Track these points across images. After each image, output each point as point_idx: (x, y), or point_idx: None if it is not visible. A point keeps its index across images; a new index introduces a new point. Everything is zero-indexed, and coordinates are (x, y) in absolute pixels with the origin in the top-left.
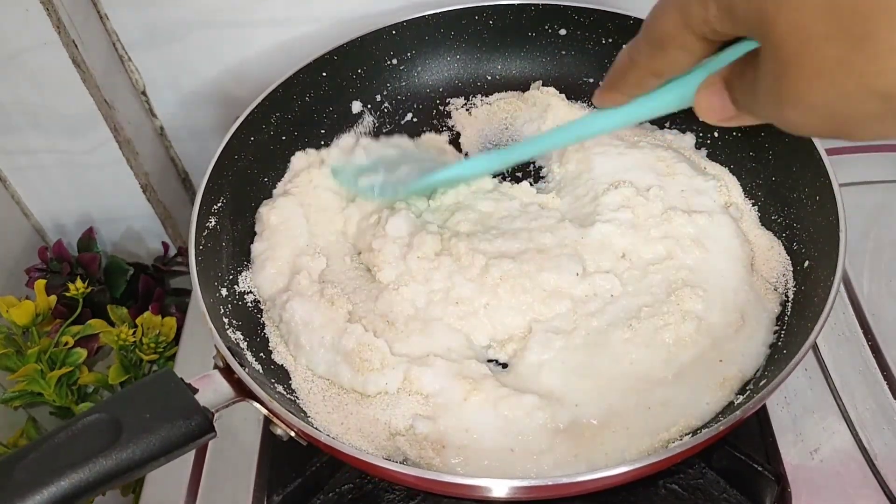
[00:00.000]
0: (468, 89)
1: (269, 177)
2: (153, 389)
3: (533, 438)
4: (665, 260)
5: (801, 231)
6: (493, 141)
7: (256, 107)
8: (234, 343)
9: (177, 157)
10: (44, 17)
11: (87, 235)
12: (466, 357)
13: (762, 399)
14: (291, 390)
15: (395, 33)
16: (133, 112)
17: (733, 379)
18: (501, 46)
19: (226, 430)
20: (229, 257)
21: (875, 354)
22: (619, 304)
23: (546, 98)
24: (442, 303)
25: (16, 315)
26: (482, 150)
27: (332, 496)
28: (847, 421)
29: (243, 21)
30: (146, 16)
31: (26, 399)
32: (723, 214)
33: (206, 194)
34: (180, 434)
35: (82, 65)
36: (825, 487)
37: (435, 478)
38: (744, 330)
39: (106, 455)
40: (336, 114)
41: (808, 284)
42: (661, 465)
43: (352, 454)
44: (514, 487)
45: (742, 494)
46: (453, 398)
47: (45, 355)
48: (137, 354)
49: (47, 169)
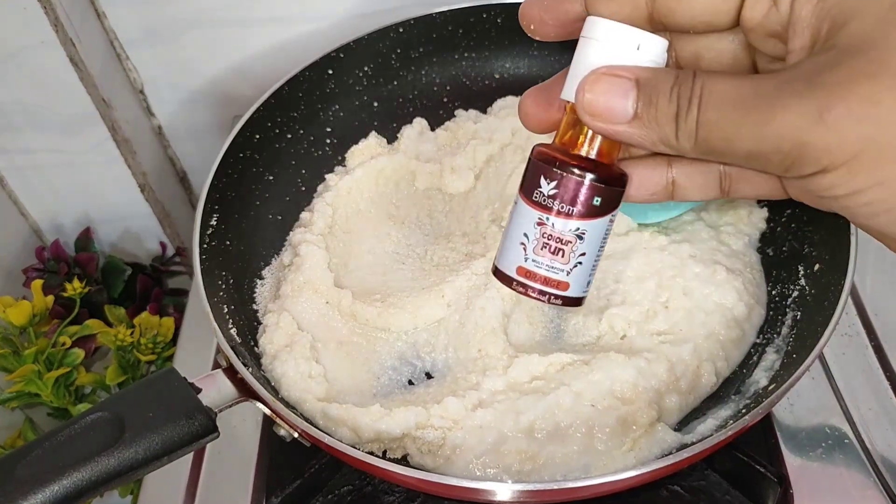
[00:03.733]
0: (475, 88)
1: (274, 174)
2: (156, 388)
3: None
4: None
5: (812, 234)
6: None
7: (262, 105)
8: (236, 342)
9: (175, 157)
10: (41, 16)
11: (85, 235)
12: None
13: (771, 404)
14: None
15: (403, 31)
16: (131, 111)
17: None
18: (509, 45)
19: (225, 431)
20: (232, 256)
21: (878, 355)
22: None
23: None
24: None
25: (13, 315)
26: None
27: (331, 498)
28: (850, 422)
29: (243, 19)
30: (144, 14)
31: (23, 400)
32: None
33: (211, 192)
34: (183, 434)
35: (80, 63)
36: (828, 489)
37: (439, 480)
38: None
39: (108, 454)
40: (342, 112)
41: (819, 288)
42: (668, 470)
43: (355, 456)
44: (519, 491)
45: (744, 496)
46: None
47: (42, 356)
48: (135, 355)
49: (45, 168)
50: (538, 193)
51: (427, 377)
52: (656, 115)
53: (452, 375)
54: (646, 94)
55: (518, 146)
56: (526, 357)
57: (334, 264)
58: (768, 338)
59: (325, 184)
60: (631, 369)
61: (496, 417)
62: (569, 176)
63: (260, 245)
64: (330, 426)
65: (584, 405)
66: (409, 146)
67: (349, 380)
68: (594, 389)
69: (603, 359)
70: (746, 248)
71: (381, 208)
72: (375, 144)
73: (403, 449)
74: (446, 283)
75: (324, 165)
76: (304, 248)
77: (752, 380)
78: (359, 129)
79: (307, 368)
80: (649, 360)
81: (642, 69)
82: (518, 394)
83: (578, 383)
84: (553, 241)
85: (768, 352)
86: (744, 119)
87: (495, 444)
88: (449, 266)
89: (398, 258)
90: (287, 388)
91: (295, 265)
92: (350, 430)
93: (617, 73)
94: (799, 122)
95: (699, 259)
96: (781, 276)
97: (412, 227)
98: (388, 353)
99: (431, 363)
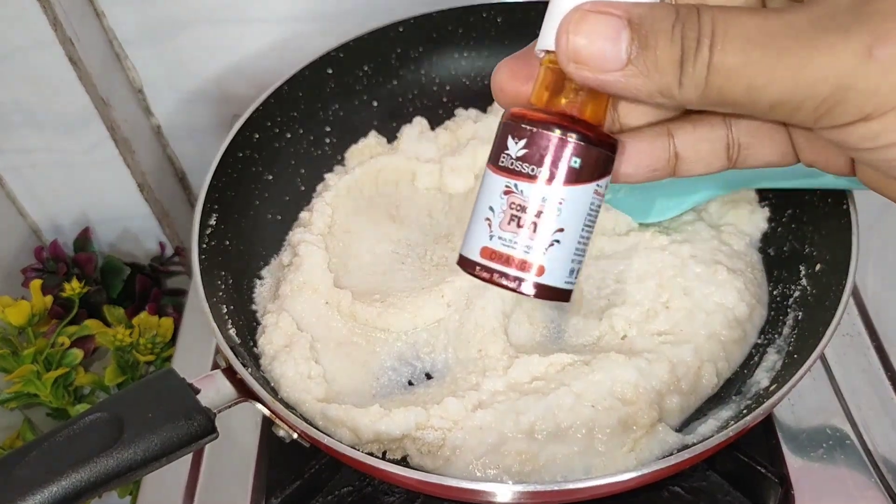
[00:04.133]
0: (475, 87)
1: (273, 174)
2: (155, 389)
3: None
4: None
5: (813, 234)
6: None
7: (261, 104)
8: (235, 343)
9: (174, 156)
10: (40, 15)
11: (84, 235)
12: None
13: (773, 405)
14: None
15: (402, 30)
16: (130, 110)
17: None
18: (509, 44)
19: (224, 432)
20: (231, 256)
21: (880, 355)
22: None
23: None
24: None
25: (11, 315)
26: None
27: (330, 499)
28: (851, 423)
29: (242, 18)
30: (143, 13)
31: (22, 400)
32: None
33: (210, 192)
34: (182, 434)
35: (78, 63)
36: (829, 490)
37: (438, 481)
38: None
39: (107, 454)
40: (342, 111)
41: (820, 288)
42: (669, 471)
43: (355, 457)
44: (519, 492)
45: (745, 497)
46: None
47: (41, 356)
48: (134, 355)
49: (43, 168)
50: (505, 157)
51: (427, 378)
52: (655, 59)
53: (452, 376)
54: (641, 35)
55: None
56: (526, 357)
57: (334, 264)
58: (769, 338)
59: (324, 183)
60: (632, 370)
61: (496, 418)
62: (540, 131)
63: (259, 245)
64: (329, 427)
65: (584, 406)
66: (408, 146)
67: (349, 380)
68: (595, 390)
69: (603, 359)
70: (747, 247)
71: (381, 208)
72: (375, 144)
73: (403, 450)
74: (446, 283)
75: (323, 165)
76: (304, 247)
77: (754, 380)
78: (358, 128)
79: (306, 369)
80: (650, 361)
81: (636, 4)
82: (518, 394)
83: (579, 384)
84: (522, 212)
85: (769, 352)
86: (776, 62)
87: (495, 444)
88: (449, 266)
89: (398, 258)
90: (286, 388)
91: (294, 265)
92: (349, 431)
93: (605, 10)
94: (844, 63)
95: (700, 259)
96: (783, 276)
97: (412, 227)
98: (387, 353)
99: (431, 363)
